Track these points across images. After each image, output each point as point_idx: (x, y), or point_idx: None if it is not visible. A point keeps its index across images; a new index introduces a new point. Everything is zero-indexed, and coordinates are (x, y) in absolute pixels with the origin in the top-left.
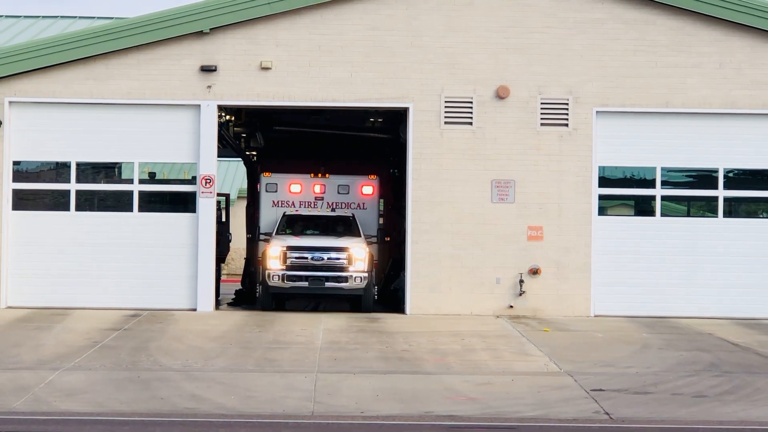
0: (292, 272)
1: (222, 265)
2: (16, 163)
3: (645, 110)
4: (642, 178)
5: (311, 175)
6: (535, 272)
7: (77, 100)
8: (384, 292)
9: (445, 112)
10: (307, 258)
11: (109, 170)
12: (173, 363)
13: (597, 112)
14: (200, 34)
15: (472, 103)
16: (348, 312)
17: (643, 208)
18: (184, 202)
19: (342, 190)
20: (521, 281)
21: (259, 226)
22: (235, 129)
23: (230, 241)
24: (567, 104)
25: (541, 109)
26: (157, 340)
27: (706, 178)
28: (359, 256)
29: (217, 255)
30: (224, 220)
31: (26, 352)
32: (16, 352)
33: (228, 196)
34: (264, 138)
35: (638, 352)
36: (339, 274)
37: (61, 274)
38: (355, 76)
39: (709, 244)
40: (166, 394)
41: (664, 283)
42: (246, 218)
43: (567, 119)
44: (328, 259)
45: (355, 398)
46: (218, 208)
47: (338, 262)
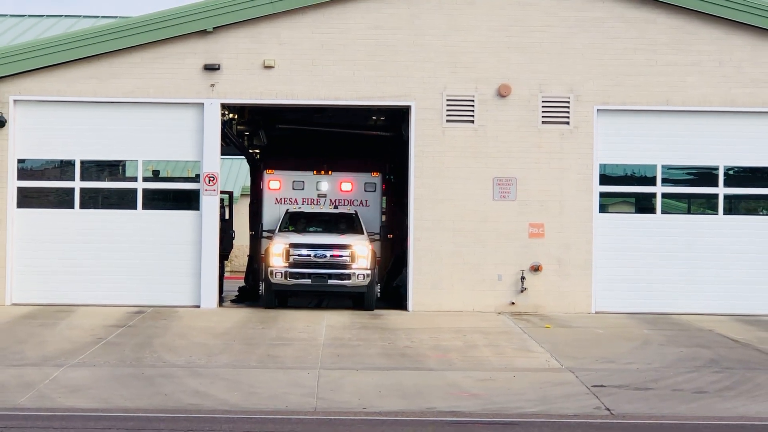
0: (295, 269)
1: (225, 262)
2: (20, 161)
3: (645, 108)
4: (642, 175)
5: (314, 172)
6: (536, 269)
7: (81, 99)
8: (386, 288)
9: (447, 110)
10: (310, 255)
11: (114, 168)
12: (177, 359)
13: (598, 110)
14: (204, 33)
15: (473, 101)
16: (351, 309)
17: (644, 205)
18: (188, 200)
19: (345, 187)
20: (523, 278)
21: (262, 223)
22: (239, 127)
23: (233, 239)
24: (568, 102)
25: (543, 107)
26: (160, 337)
27: (707, 176)
28: (362, 254)
29: (220, 252)
30: (227, 217)
31: (31, 348)
32: (21, 348)
33: (231, 194)
34: (267, 136)
35: (639, 348)
36: (342, 272)
37: (65, 271)
38: (357, 75)
39: (710, 241)
40: (170, 390)
41: (665, 280)
42: (249, 216)
43: (568, 117)
44: (331, 256)
45: (357, 394)
46: (221, 205)
47: (341, 259)
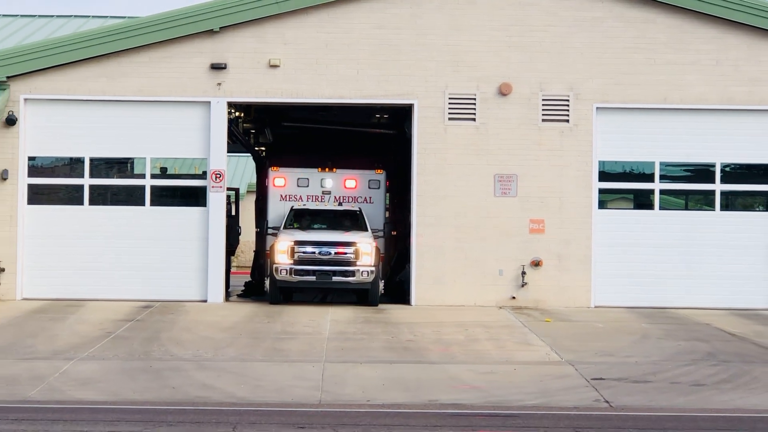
0: (300, 266)
1: (232, 257)
2: (31, 158)
3: (644, 106)
4: (641, 172)
5: (318, 169)
6: (536, 264)
7: (91, 97)
8: (389, 283)
9: (449, 109)
10: (314, 253)
11: (122, 165)
12: (184, 353)
13: (597, 108)
14: (210, 33)
15: (475, 99)
16: (354, 303)
17: (642, 201)
18: (195, 197)
19: (349, 183)
20: (523, 273)
21: (267, 220)
22: (245, 125)
23: (240, 234)
24: (568, 100)
25: (543, 105)
26: (168, 331)
27: (704, 173)
28: (366, 251)
29: (227, 248)
30: (234, 213)
31: (41, 342)
32: (32, 342)
33: (238, 191)
34: (272, 134)
35: (638, 341)
36: (346, 269)
37: (75, 267)
38: (361, 74)
39: (707, 236)
40: (178, 383)
41: (663, 275)
42: (255, 212)
43: (568, 115)
44: (335, 253)
45: (361, 387)
46: (228, 202)
47: (346, 256)
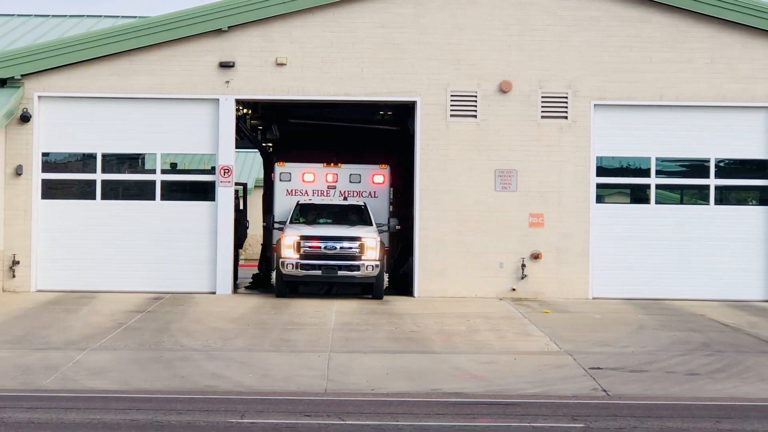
0: (305, 261)
1: (240, 250)
2: (44, 154)
3: (640, 103)
4: (637, 167)
5: (324, 164)
6: (536, 257)
7: (103, 95)
8: (393, 276)
9: (451, 106)
10: (320, 247)
11: (133, 161)
12: (194, 343)
13: (595, 105)
14: (219, 32)
15: (476, 96)
16: (359, 295)
17: (639, 196)
18: (204, 191)
19: (354, 179)
20: (523, 265)
21: (273, 214)
22: (252, 122)
23: (248, 228)
24: (566, 98)
25: (542, 102)
26: (178, 322)
27: (699, 168)
28: (371, 246)
29: (235, 241)
30: (242, 208)
31: (55, 333)
32: (46, 333)
33: (245, 185)
34: (279, 130)
35: (634, 332)
36: (351, 263)
37: (87, 260)
38: (365, 72)
39: (702, 230)
40: (187, 372)
41: (659, 268)
42: (263, 206)
43: (566, 112)
44: (340, 248)
45: (366, 376)
46: (236, 196)
47: (351, 251)
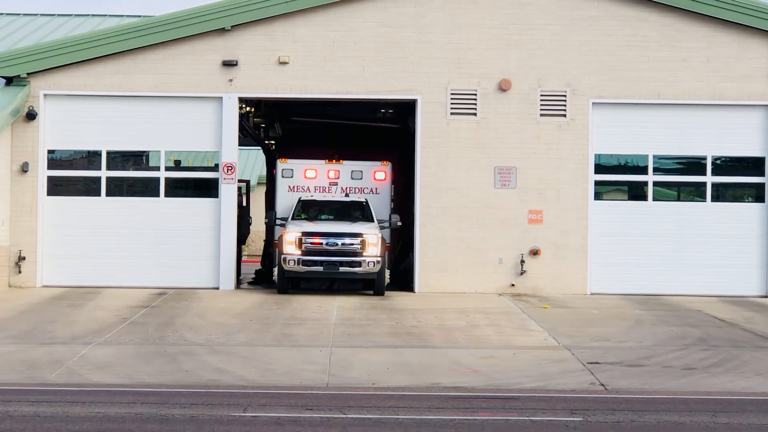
0: (307, 257)
1: (243, 246)
2: (50, 151)
3: (638, 101)
4: (635, 165)
5: (326, 161)
6: (535, 253)
7: (108, 93)
8: (394, 271)
9: (451, 104)
10: (322, 244)
11: (138, 158)
12: (197, 338)
13: (593, 104)
14: (222, 31)
15: (476, 95)
16: (360, 290)
17: (636, 193)
18: (208, 188)
19: (355, 175)
20: (522, 261)
21: (276, 211)
22: (255, 119)
23: (251, 224)
24: (565, 96)
25: (541, 100)
26: (182, 317)
27: (695, 165)
28: (373, 242)
29: (238, 237)
30: (245, 204)
31: (60, 327)
32: (51, 327)
33: (248, 182)
34: (282, 128)
35: (632, 327)
36: (353, 259)
37: (92, 255)
38: (367, 70)
39: (698, 226)
40: (191, 366)
41: (656, 263)
42: (265, 203)
43: (565, 110)
44: (342, 244)
45: (367, 371)
46: (239, 193)
47: (352, 247)
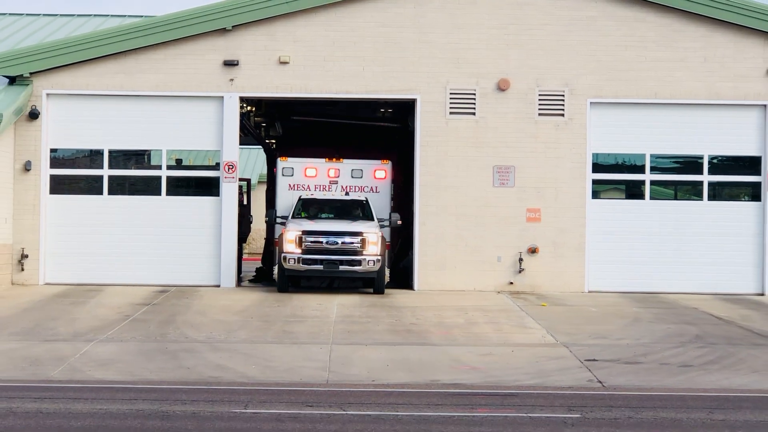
0: (307, 256)
1: (244, 244)
2: (53, 150)
3: (635, 101)
4: (632, 164)
5: (326, 159)
6: (533, 251)
7: (110, 92)
8: (393, 269)
9: (450, 103)
10: (322, 242)
11: (139, 157)
12: (198, 335)
13: (591, 103)
14: (223, 31)
15: (475, 94)
16: (360, 288)
17: (634, 191)
18: (209, 187)
19: (355, 174)
20: (520, 259)
21: (276, 209)
22: (256, 119)
23: (251, 223)
24: (563, 96)
25: (539, 100)
26: (183, 314)
27: (692, 164)
28: (373, 240)
29: (239, 235)
30: (246, 203)
31: (63, 325)
32: (54, 325)
33: (249, 181)
34: (282, 127)
35: (629, 325)
36: (353, 258)
37: (94, 253)
38: (367, 70)
39: (695, 225)
40: (192, 363)
41: (654, 262)
42: (266, 201)
43: (563, 109)
44: (342, 243)
45: (367, 368)
46: (240, 192)
47: (352, 246)
